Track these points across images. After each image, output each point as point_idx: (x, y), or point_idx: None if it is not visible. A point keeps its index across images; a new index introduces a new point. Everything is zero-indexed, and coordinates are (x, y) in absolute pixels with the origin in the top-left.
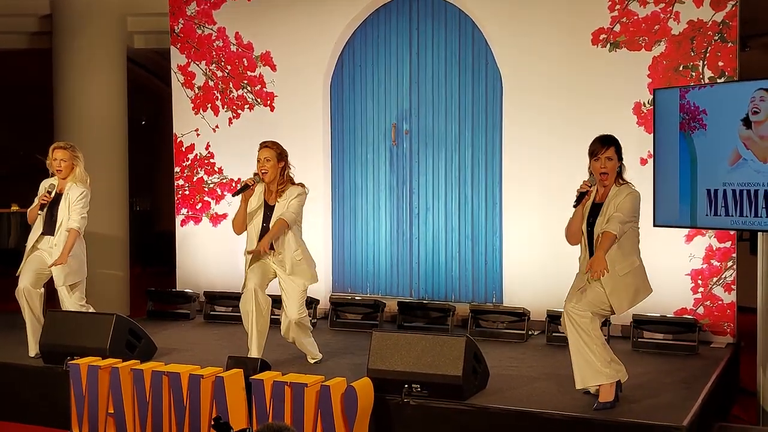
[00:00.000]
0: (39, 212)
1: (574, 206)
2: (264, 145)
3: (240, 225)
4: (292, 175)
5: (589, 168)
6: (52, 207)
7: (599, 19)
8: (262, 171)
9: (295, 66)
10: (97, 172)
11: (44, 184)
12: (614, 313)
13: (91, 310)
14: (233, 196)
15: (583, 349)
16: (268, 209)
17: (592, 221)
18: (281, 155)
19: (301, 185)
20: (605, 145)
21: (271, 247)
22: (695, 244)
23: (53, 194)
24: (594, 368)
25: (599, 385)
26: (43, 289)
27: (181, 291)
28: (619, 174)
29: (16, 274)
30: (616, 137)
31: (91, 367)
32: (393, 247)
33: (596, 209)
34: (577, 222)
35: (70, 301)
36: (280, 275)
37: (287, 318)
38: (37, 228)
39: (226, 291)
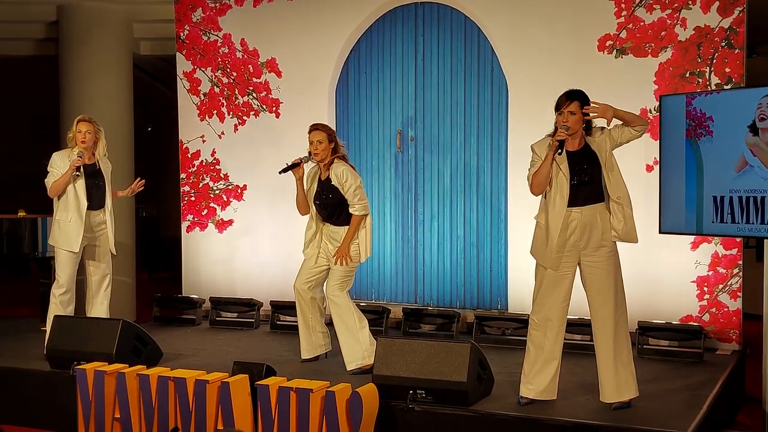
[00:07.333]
0: (76, 173)
1: (558, 154)
2: (314, 128)
3: (303, 205)
4: (345, 153)
5: (555, 123)
6: (95, 182)
7: (605, 26)
8: (314, 152)
9: (300, 73)
10: None
11: (61, 156)
12: None
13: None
14: (280, 173)
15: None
16: (321, 184)
17: (574, 174)
18: (331, 137)
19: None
20: (569, 99)
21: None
22: (701, 251)
23: (83, 159)
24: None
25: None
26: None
27: (187, 297)
28: (588, 128)
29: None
30: (585, 93)
31: (98, 372)
32: (398, 254)
33: (576, 159)
34: (548, 169)
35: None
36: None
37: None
38: (73, 202)
39: (231, 297)
